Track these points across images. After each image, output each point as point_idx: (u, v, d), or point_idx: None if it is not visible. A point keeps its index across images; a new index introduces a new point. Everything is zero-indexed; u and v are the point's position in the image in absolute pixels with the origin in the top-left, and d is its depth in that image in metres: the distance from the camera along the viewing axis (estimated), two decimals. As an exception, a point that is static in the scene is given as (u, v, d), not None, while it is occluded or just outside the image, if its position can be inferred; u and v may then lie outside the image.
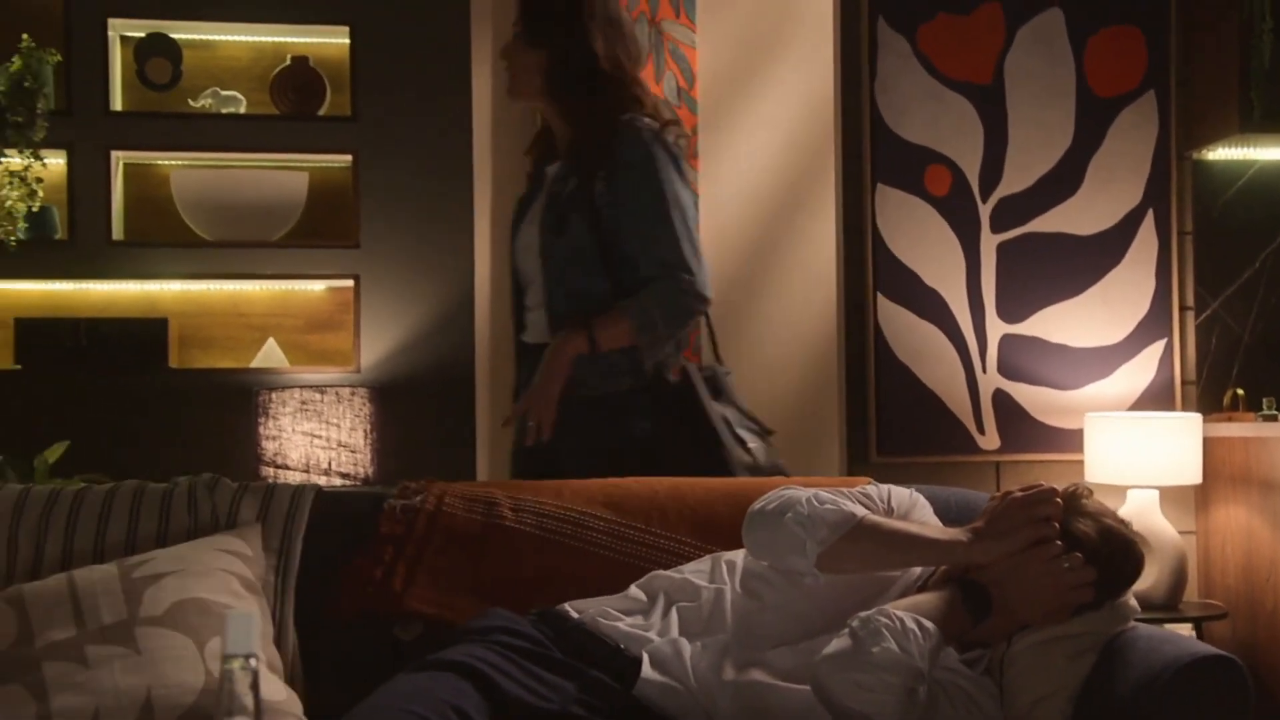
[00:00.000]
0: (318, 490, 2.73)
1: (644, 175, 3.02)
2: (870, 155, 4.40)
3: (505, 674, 2.16)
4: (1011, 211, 4.42)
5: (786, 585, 2.31)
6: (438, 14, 4.42)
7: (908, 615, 2.09)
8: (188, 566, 2.48)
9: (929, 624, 2.09)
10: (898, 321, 4.40)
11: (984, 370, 4.41)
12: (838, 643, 2.08)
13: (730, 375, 3.23)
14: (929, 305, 4.40)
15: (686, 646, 2.27)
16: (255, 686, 1.51)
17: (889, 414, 4.37)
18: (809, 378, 4.44)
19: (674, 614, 2.34)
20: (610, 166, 3.03)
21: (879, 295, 4.39)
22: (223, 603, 2.44)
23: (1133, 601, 2.40)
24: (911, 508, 2.46)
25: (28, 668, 2.35)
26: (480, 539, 2.67)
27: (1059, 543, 2.24)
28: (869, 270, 4.40)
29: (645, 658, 2.26)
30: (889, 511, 2.41)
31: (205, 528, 2.63)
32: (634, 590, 2.44)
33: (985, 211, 4.42)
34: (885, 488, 2.48)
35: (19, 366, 4.26)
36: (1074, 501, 2.31)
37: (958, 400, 4.40)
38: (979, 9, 4.44)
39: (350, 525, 2.69)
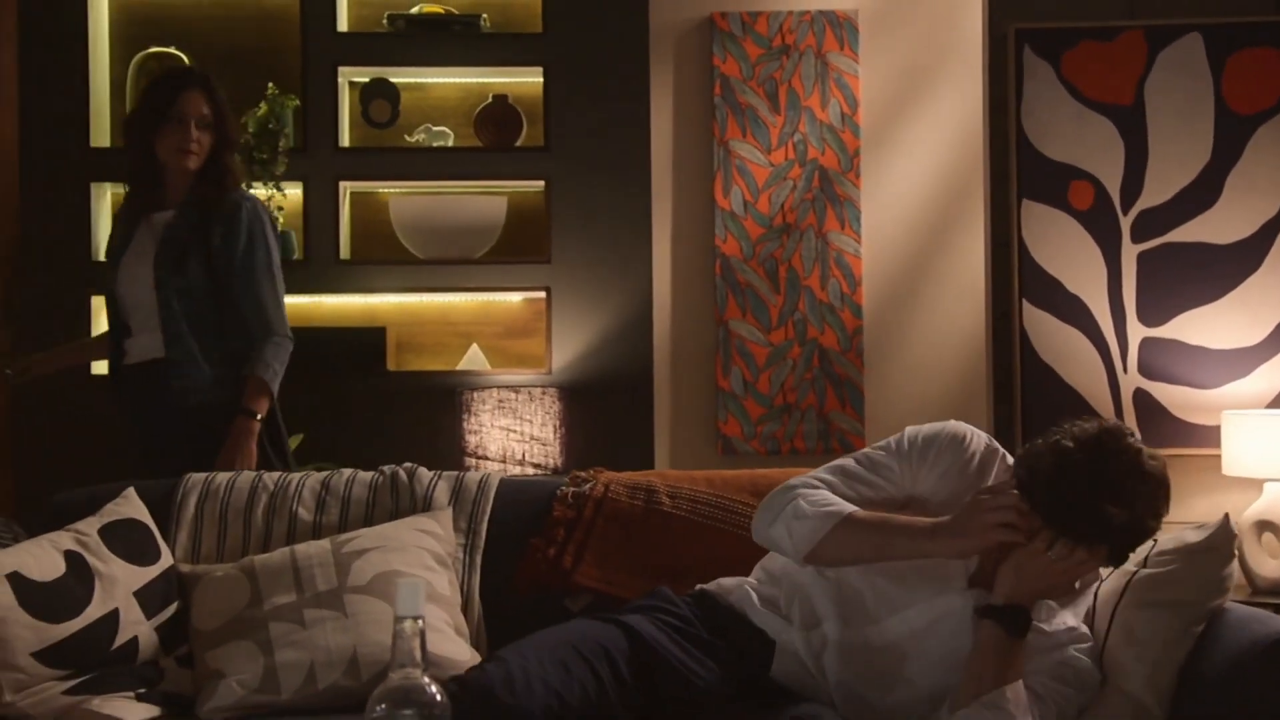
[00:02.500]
0: (501, 479, 2.91)
1: (254, 236, 3.48)
2: (1016, 173, 4.42)
3: (655, 639, 2.28)
4: (1152, 223, 4.40)
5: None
6: (621, 56, 4.50)
7: (1016, 701, 2.13)
8: (388, 543, 2.68)
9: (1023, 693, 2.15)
10: (1042, 326, 4.41)
11: (1125, 371, 4.39)
12: None
13: None
14: (1072, 311, 4.41)
15: (807, 633, 2.33)
16: (422, 642, 1.69)
17: (1034, 412, 4.38)
18: (959, 379, 4.47)
19: (795, 602, 2.38)
20: (227, 222, 3.46)
21: (1024, 302, 4.42)
22: (417, 574, 2.63)
23: (1229, 570, 2.34)
24: (934, 451, 2.37)
25: (257, 627, 2.57)
26: (641, 522, 2.80)
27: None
28: (1015, 279, 4.42)
29: (778, 643, 2.35)
30: (902, 461, 2.37)
31: (405, 510, 2.82)
32: (761, 572, 2.48)
33: (1126, 223, 4.41)
34: (912, 437, 2.39)
35: None
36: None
37: (1100, 399, 4.39)
38: (1121, 35, 4.43)
39: (529, 509, 2.84)
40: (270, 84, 4.39)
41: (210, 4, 4.58)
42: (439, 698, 1.64)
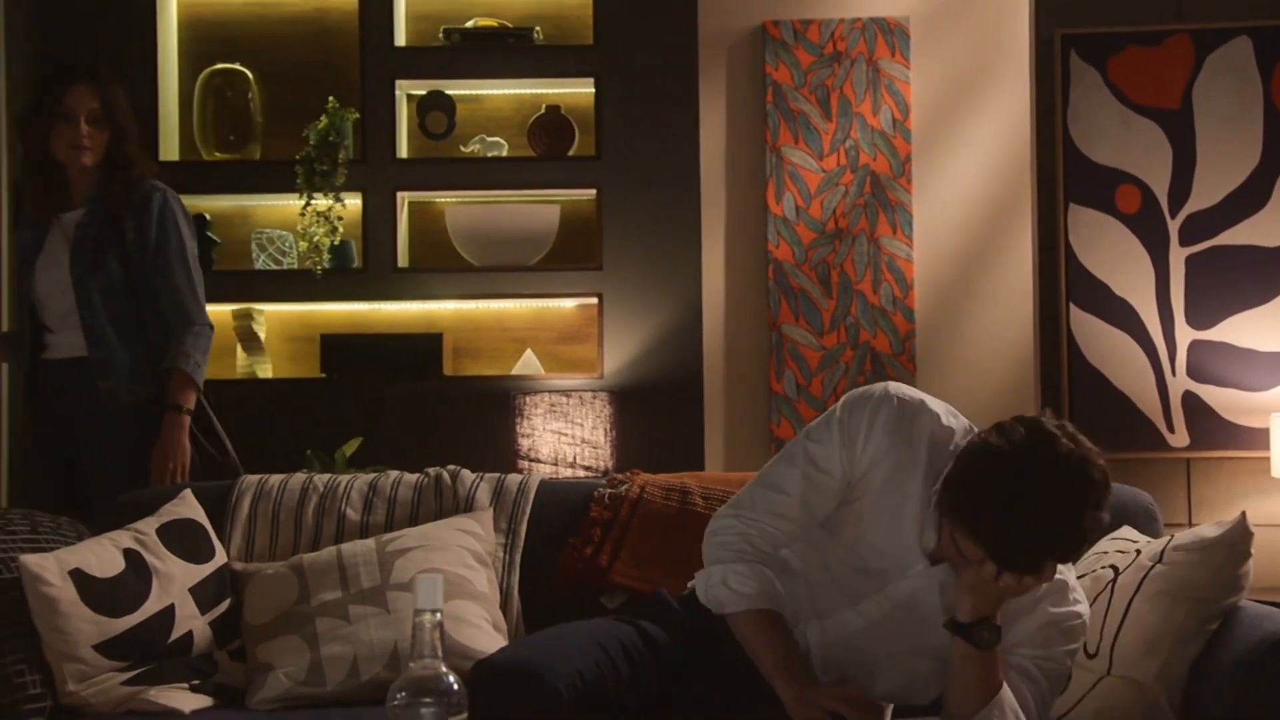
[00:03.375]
0: (541, 481, 3.01)
1: (166, 226, 3.44)
2: (1063, 178, 4.46)
3: (663, 642, 2.31)
4: (1200, 226, 4.41)
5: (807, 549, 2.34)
6: (670, 66, 4.58)
7: (1005, 711, 2.14)
8: (430, 542, 2.79)
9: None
10: (1090, 330, 4.44)
11: (1173, 373, 4.41)
12: None
13: None
14: (1119, 314, 4.43)
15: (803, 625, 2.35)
16: (440, 634, 1.78)
17: (1082, 414, 4.41)
18: (1009, 383, 4.50)
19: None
20: (137, 215, 3.41)
21: (1071, 305, 4.45)
22: (457, 573, 2.74)
23: (1245, 568, 2.35)
24: (863, 437, 2.27)
25: (304, 622, 2.70)
26: (676, 523, 2.88)
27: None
28: (1062, 282, 4.45)
29: None
30: (842, 449, 2.26)
31: (448, 510, 2.93)
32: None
33: (1174, 227, 4.42)
34: (842, 422, 2.28)
35: (324, 375, 4.52)
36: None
37: (1148, 401, 4.41)
38: (1168, 40, 4.45)
39: (567, 510, 2.94)
40: (331, 97, 4.51)
41: (273, 21, 4.72)
42: (456, 686, 1.74)
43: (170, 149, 4.67)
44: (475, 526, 2.86)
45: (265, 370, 4.59)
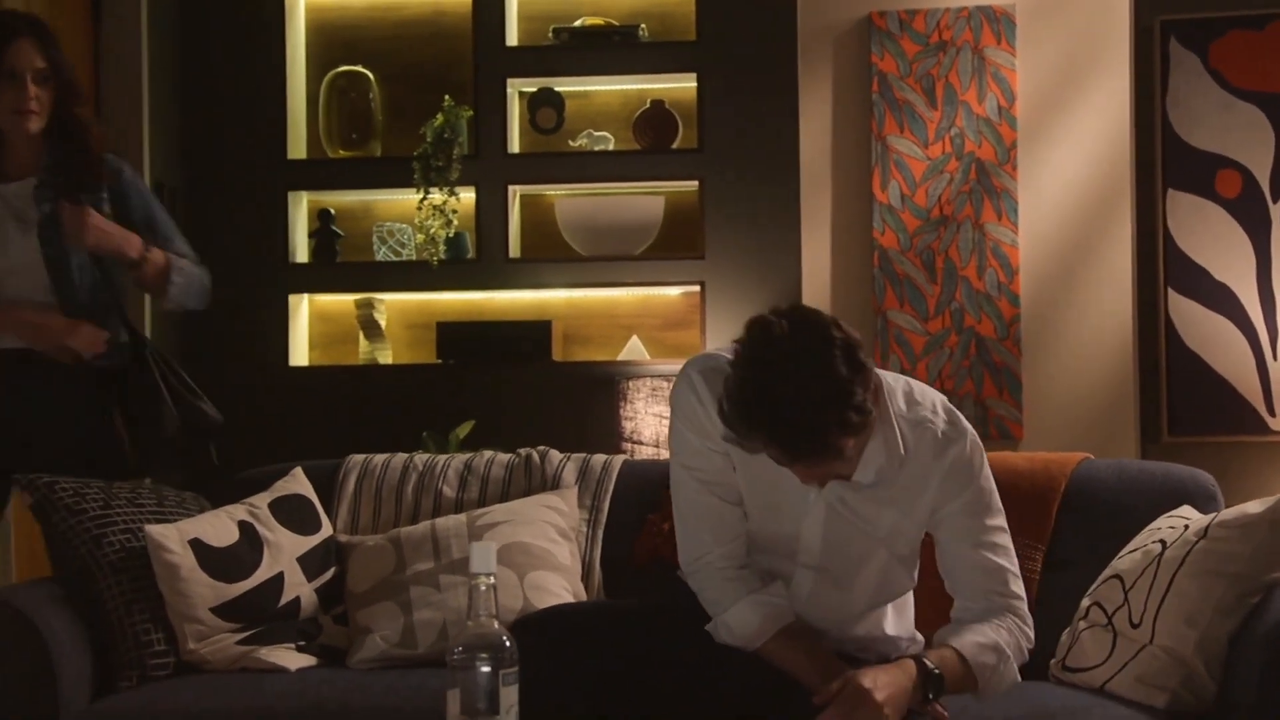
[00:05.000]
0: (624, 461, 3.20)
1: (145, 195, 3.25)
2: (1161, 163, 4.49)
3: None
4: (1303, 210, 4.42)
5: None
6: (770, 60, 4.71)
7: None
8: (517, 517, 3.00)
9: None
10: (1188, 314, 4.47)
11: (1274, 357, 4.42)
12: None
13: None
14: (1219, 298, 4.45)
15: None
16: (495, 596, 1.98)
17: (1180, 398, 4.44)
18: (1110, 367, 4.53)
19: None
20: (113, 190, 3.15)
21: (1170, 290, 4.48)
22: (541, 546, 2.94)
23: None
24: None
25: (399, 590, 2.93)
26: (750, 499, 3.05)
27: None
28: (1160, 267, 4.49)
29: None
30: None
31: (536, 488, 3.13)
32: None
33: (1277, 211, 4.43)
34: (690, 416, 2.28)
35: (440, 361, 4.69)
36: None
37: (1248, 385, 4.42)
38: (1272, 24, 4.45)
39: (648, 488, 3.11)
40: (446, 96, 4.72)
41: (391, 24, 4.96)
42: (509, 644, 1.94)
43: (298, 147, 4.94)
44: (560, 503, 3.05)
45: (385, 356, 4.82)
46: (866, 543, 2.33)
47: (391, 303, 4.88)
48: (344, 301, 4.90)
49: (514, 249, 4.83)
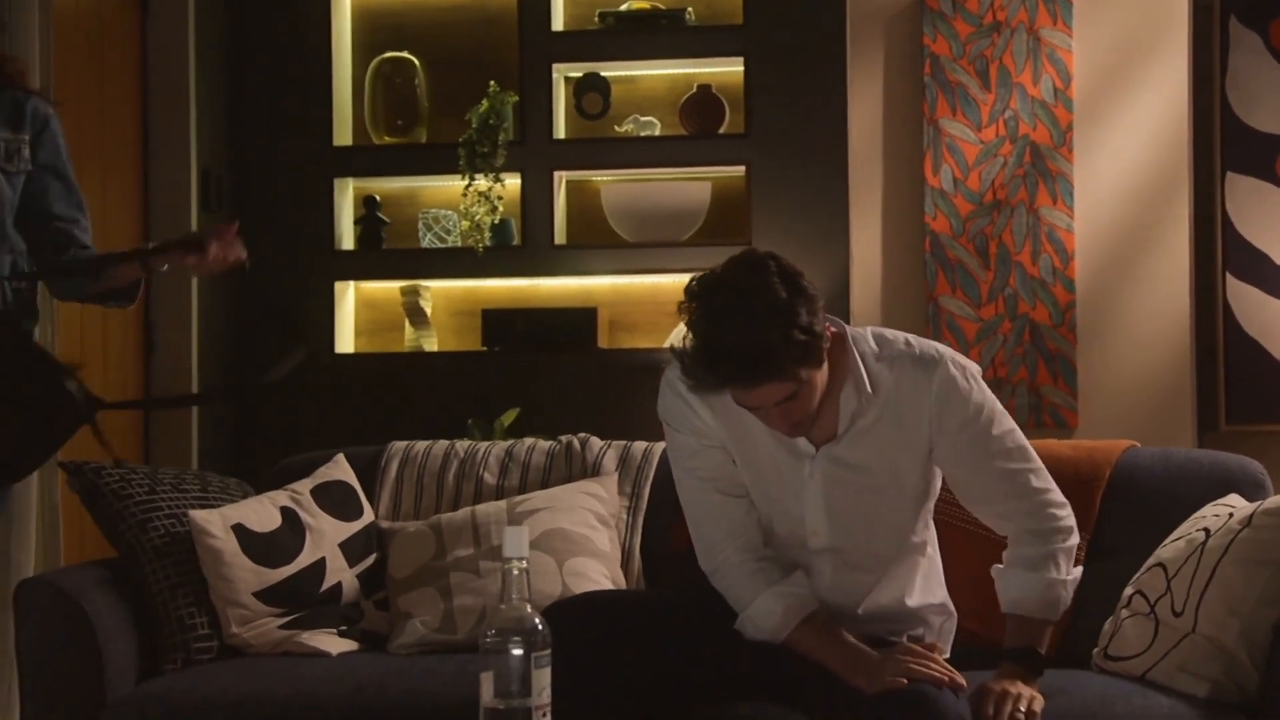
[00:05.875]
0: (665, 449, 3.23)
1: (63, 149, 2.91)
2: (1220, 146, 4.46)
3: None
4: (1365, 193, 4.38)
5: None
6: (818, 43, 4.72)
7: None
8: (557, 504, 3.04)
9: None
10: (1247, 300, 4.45)
11: (1336, 344, 4.39)
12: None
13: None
14: (1279, 284, 4.42)
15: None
16: (527, 579, 2.02)
17: (1238, 386, 4.42)
18: (1167, 353, 4.52)
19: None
20: (35, 130, 2.85)
21: (1228, 275, 4.46)
22: (580, 533, 2.98)
23: None
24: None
25: (439, 575, 2.98)
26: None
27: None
28: (1218, 252, 4.47)
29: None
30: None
31: (577, 474, 3.17)
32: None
33: (1338, 194, 4.40)
34: (681, 420, 2.43)
35: (485, 348, 4.75)
36: None
37: (1308, 371, 4.40)
38: (1335, 0, 4.42)
39: (688, 476, 3.17)
40: (491, 82, 4.77)
41: (437, 10, 5.01)
42: (540, 627, 1.98)
43: (344, 134, 5.01)
44: (600, 490, 3.10)
45: (431, 343, 4.88)
46: (871, 497, 2.39)
47: (437, 290, 4.94)
48: (389, 288, 4.96)
49: (559, 235, 4.87)
